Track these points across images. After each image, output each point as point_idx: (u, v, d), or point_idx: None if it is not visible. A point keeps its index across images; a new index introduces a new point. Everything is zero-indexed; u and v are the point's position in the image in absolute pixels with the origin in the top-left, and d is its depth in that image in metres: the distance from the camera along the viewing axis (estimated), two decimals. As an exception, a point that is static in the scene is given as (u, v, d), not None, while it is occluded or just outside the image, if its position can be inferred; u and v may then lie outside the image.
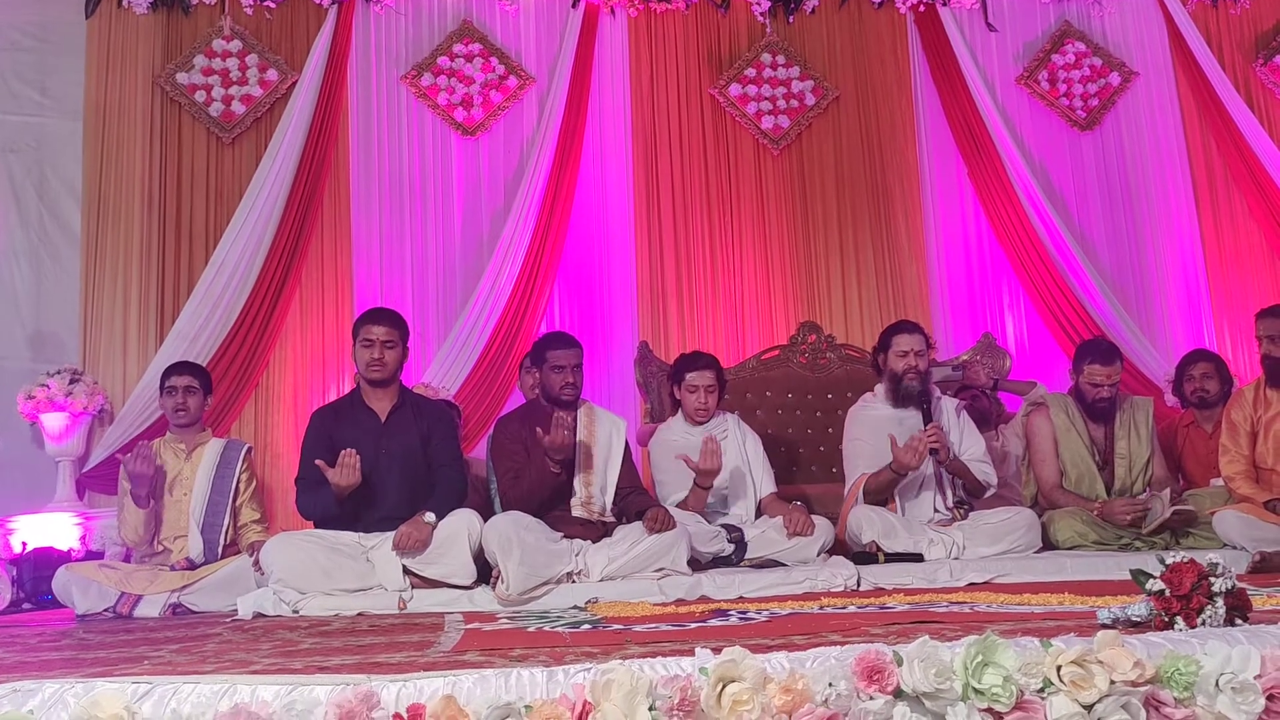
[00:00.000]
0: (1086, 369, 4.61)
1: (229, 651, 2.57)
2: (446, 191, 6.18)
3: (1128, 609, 2.18)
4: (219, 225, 5.82)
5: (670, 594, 3.67)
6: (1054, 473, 4.65)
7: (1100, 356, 4.63)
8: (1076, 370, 4.69)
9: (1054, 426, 4.68)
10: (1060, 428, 4.67)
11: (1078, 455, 4.63)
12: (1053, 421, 4.69)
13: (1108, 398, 4.60)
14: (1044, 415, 4.73)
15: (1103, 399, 4.60)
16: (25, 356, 5.61)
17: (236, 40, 6.01)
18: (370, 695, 1.61)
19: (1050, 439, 4.68)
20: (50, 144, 5.82)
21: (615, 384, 6.03)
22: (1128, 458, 4.63)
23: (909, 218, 6.49)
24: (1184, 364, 5.16)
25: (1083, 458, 4.63)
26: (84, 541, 5.11)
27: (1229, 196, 6.61)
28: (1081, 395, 4.66)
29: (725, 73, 6.48)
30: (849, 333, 6.17)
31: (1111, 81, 6.69)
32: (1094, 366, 4.60)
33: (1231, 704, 1.70)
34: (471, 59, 6.24)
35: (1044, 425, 4.71)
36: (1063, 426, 4.67)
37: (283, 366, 5.88)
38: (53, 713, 1.61)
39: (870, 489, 4.39)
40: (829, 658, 1.71)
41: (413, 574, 3.79)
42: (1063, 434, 4.66)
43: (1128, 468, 4.61)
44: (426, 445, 4.12)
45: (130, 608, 4.00)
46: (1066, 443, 4.65)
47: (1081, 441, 4.64)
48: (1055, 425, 4.68)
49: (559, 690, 1.65)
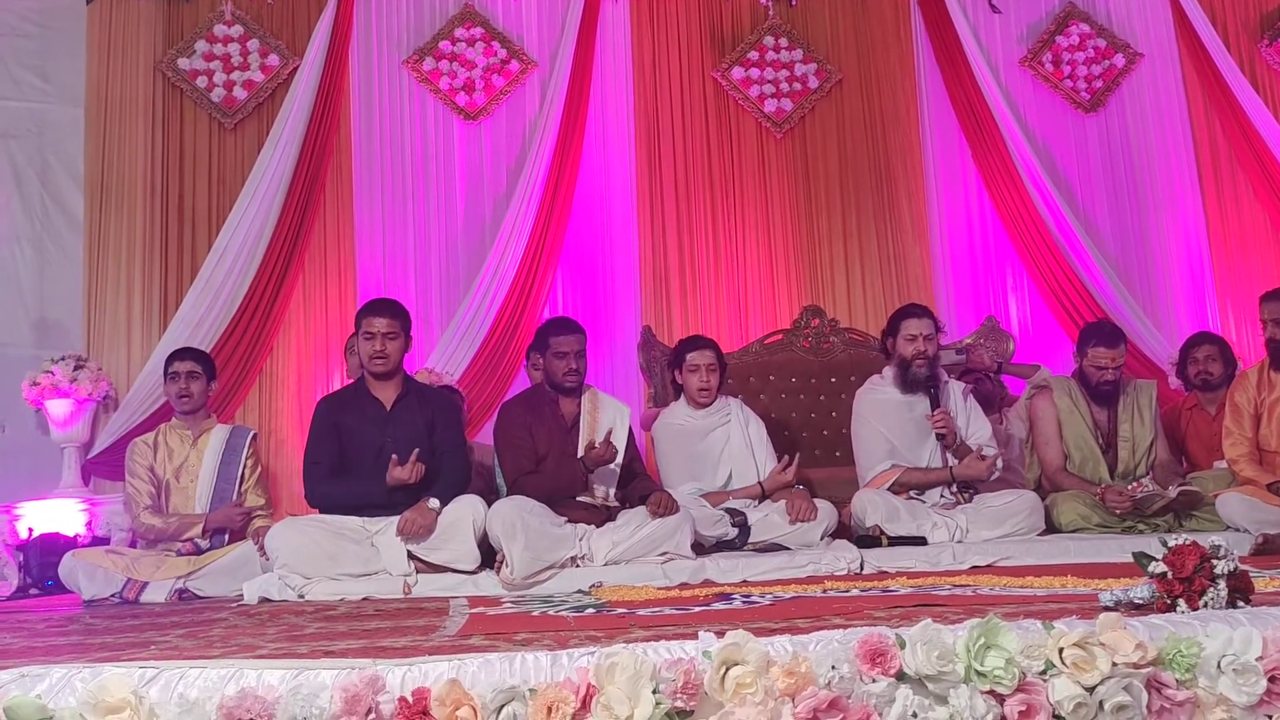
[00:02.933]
0: (1091, 351, 4.61)
1: (235, 636, 2.58)
2: (449, 176, 6.17)
3: (1130, 591, 2.18)
4: (222, 211, 5.82)
5: (674, 578, 3.68)
6: (1057, 455, 4.65)
7: (1105, 339, 4.62)
8: (1081, 353, 4.69)
9: (1057, 409, 4.68)
10: (1064, 410, 4.67)
11: (1081, 438, 4.63)
12: (1056, 404, 4.69)
13: (1112, 380, 4.60)
14: (1047, 398, 4.73)
15: (1107, 381, 4.59)
16: (29, 343, 5.62)
17: (238, 25, 5.99)
18: (376, 679, 1.62)
19: (1054, 422, 4.68)
20: (52, 130, 5.81)
21: (619, 369, 6.03)
22: (1131, 440, 4.62)
23: (912, 201, 6.47)
24: (1188, 346, 5.15)
25: (1086, 440, 4.63)
26: (90, 527, 5.12)
27: (1233, 178, 6.58)
28: (1086, 378, 4.66)
29: (728, 56, 6.45)
30: (852, 317, 6.17)
31: (1116, 63, 6.66)
32: (1098, 349, 4.59)
33: (1233, 686, 1.70)
34: (473, 43, 6.22)
35: (1047, 408, 4.70)
36: (1066, 409, 4.66)
37: (286, 352, 5.88)
38: (60, 697, 1.62)
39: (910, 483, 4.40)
40: (832, 641, 1.72)
41: (417, 559, 3.80)
42: (1066, 417, 4.66)
43: (1131, 450, 4.61)
44: (431, 433, 4.12)
45: (136, 593, 4.02)
46: (1070, 425, 4.65)
47: (1085, 424, 4.64)
48: (1059, 408, 4.68)
49: (563, 674, 1.66)
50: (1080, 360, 4.70)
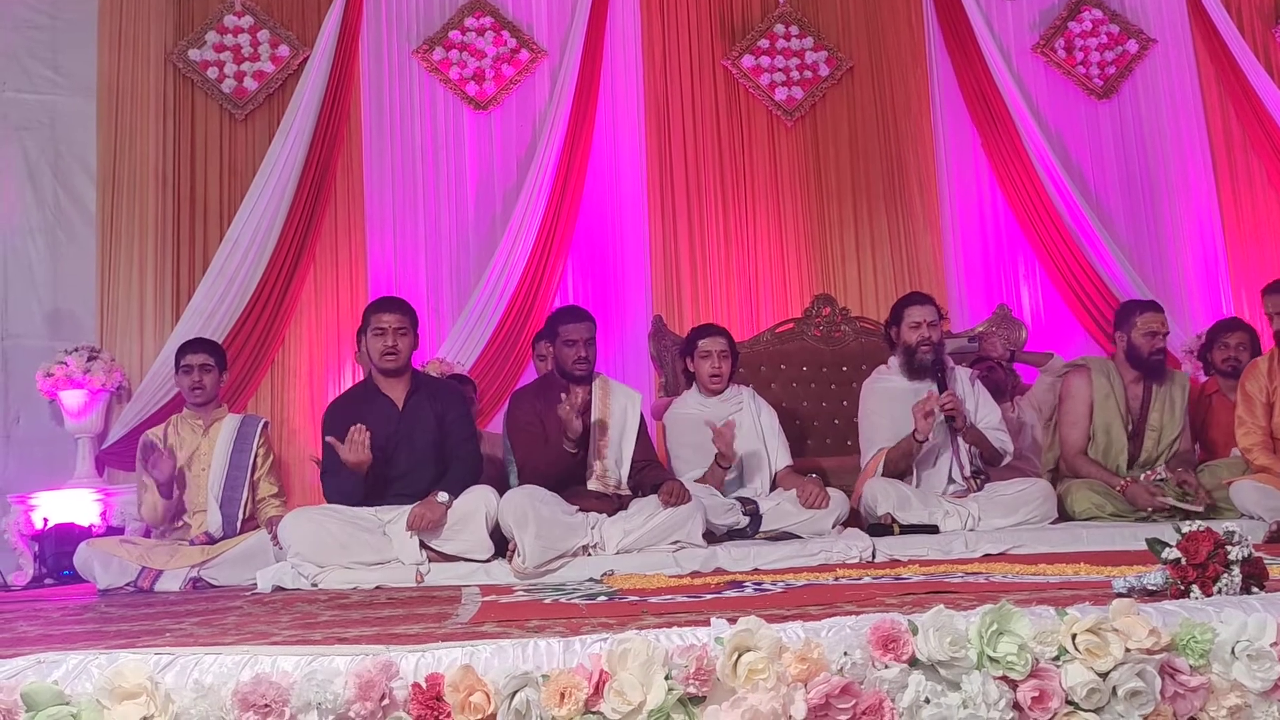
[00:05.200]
0: (1140, 320, 4.53)
1: (249, 624, 2.59)
2: (459, 166, 6.18)
3: (1143, 578, 2.17)
4: (233, 202, 5.83)
5: (686, 566, 3.68)
6: (1081, 438, 4.57)
7: (1151, 305, 4.63)
8: (1128, 326, 4.57)
9: (1093, 390, 4.57)
10: (1099, 392, 4.56)
11: (1111, 423, 4.54)
12: (1093, 384, 4.58)
13: (1163, 348, 4.58)
14: (1084, 377, 4.62)
15: (1159, 348, 4.54)
16: (43, 334, 5.65)
17: (248, 16, 6.00)
18: (389, 665, 1.62)
19: (1086, 402, 4.58)
20: (64, 122, 5.83)
21: (630, 358, 6.04)
22: (1159, 430, 4.54)
23: (923, 189, 6.45)
24: (1217, 331, 5.06)
25: (1115, 426, 4.54)
26: (104, 517, 5.16)
27: (1248, 165, 6.54)
28: (1136, 351, 4.54)
29: (738, 44, 6.43)
30: (863, 305, 6.16)
31: (1129, 49, 6.62)
32: (1147, 314, 4.54)
33: (1247, 671, 1.70)
34: (483, 32, 6.22)
35: (1083, 388, 4.60)
36: (1102, 391, 4.56)
37: (298, 342, 5.90)
38: (77, 683, 1.63)
39: (891, 459, 4.39)
40: (844, 627, 1.72)
41: (429, 548, 3.81)
42: (1101, 399, 4.56)
43: (1156, 440, 4.54)
44: (442, 426, 4.13)
45: (151, 582, 4.04)
46: (1103, 410, 4.55)
47: (1118, 410, 4.55)
48: (1094, 388, 4.57)
49: (575, 660, 1.66)
50: (1129, 334, 4.56)
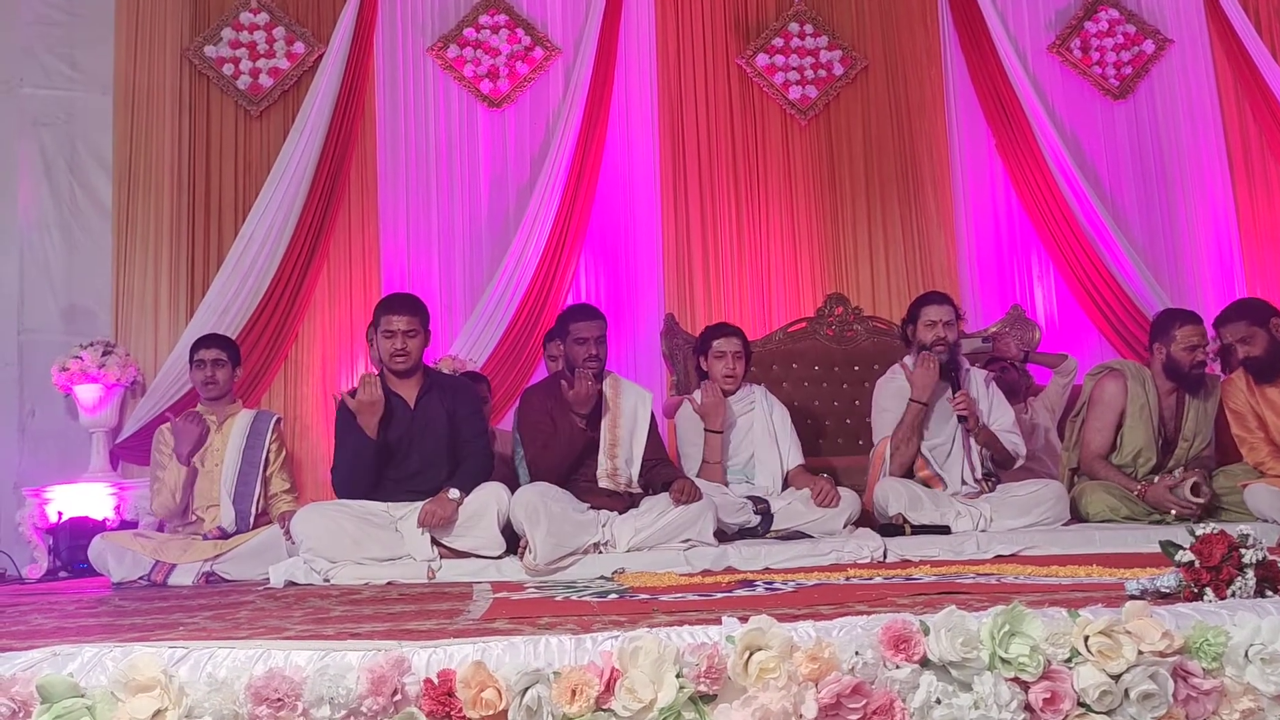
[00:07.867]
0: (1179, 332, 4.38)
1: (262, 618, 2.61)
2: (473, 164, 6.18)
3: (1156, 580, 2.17)
4: (248, 198, 5.85)
5: (696, 565, 3.68)
6: (1105, 444, 4.49)
7: (1191, 317, 4.43)
8: (1166, 338, 4.42)
9: (1128, 399, 4.45)
10: (1134, 402, 4.43)
11: (1143, 433, 4.43)
12: (1128, 393, 4.46)
13: (1204, 362, 4.43)
14: (1120, 384, 4.49)
15: (1201, 361, 4.40)
16: (59, 329, 5.67)
17: (264, 13, 6.01)
18: (402, 661, 1.63)
19: (1117, 411, 4.46)
20: (81, 118, 5.85)
21: (641, 356, 6.04)
22: (1190, 441, 4.46)
23: (937, 188, 6.43)
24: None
25: (1147, 436, 4.43)
26: (119, 511, 5.19)
27: (1264, 166, 6.49)
28: (1176, 366, 4.40)
29: (752, 42, 6.42)
30: (876, 305, 6.14)
31: (1145, 49, 6.58)
32: (1187, 328, 4.38)
33: (1260, 675, 1.69)
34: (497, 30, 6.22)
35: (1117, 395, 4.47)
36: (1138, 402, 4.43)
37: (311, 338, 5.92)
38: (92, 675, 1.64)
39: (897, 436, 4.40)
40: (855, 627, 1.72)
41: (441, 544, 3.83)
42: (1135, 410, 4.43)
43: (1186, 450, 4.46)
44: (454, 424, 4.14)
45: (164, 576, 4.06)
46: (1137, 421, 4.43)
47: (1151, 420, 4.44)
48: (1129, 397, 4.45)
49: (587, 658, 1.67)
50: (1167, 347, 4.42)
